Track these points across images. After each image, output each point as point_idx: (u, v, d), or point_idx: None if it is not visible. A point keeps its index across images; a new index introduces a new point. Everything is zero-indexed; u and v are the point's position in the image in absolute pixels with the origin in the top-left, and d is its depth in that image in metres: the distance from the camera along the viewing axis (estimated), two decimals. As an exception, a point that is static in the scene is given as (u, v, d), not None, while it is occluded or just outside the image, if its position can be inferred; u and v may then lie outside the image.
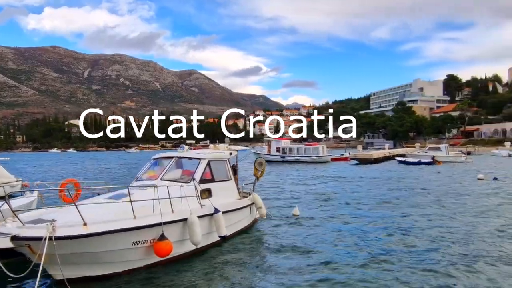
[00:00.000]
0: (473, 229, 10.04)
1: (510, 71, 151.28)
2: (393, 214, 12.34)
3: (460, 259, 7.48)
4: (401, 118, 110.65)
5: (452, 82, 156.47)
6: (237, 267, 7.15)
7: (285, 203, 14.74)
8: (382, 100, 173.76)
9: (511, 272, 6.71)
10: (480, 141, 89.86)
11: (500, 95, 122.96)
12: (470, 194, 17.11)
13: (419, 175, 27.25)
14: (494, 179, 22.91)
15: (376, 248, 8.32)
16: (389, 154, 50.25)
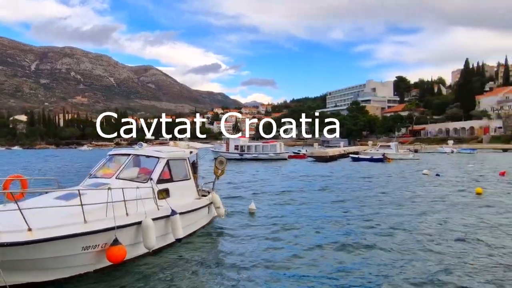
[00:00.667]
0: (418, 216, 10.83)
1: (453, 74, 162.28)
2: (346, 205, 12.94)
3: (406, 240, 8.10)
4: (355, 117, 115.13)
5: (401, 83, 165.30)
6: (191, 267, 7.06)
7: (242, 199, 14.92)
8: (338, 100, 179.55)
9: (440, 248, 7.38)
10: (426, 139, 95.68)
11: (444, 97, 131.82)
12: (415, 187, 18.34)
13: (370, 171, 28.61)
14: (436, 175, 24.58)
15: (332, 240, 8.73)
16: (343, 151, 52.10)
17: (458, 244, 8.36)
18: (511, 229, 9.75)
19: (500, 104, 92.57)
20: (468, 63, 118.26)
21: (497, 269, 6.76)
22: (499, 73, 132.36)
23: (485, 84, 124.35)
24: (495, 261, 7.17)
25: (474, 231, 9.58)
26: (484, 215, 11.59)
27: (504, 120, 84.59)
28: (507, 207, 12.93)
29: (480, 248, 8.08)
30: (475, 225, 10.28)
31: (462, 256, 7.52)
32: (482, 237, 8.89)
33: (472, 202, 14.06)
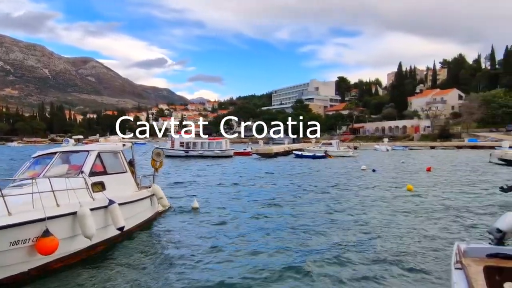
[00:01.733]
0: (358, 206, 11.62)
1: (388, 76, 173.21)
2: (288, 200, 13.47)
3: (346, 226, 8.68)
4: (299, 115, 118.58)
5: (342, 83, 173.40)
6: (136, 264, 7.04)
7: (185, 196, 14.87)
8: (283, 98, 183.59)
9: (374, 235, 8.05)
10: (364, 137, 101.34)
11: (380, 97, 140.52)
12: (354, 181, 19.51)
13: (312, 167, 29.79)
14: (373, 170, 26.26)
15: (274, 236, 9.08)
16: (288, 148, 53.53)
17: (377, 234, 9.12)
18: (427, 219, 10.82)
19: (429, 105, 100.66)
20: (401, 67, 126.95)
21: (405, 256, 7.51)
22: (428, 77, 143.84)
23: (416, 86, 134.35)
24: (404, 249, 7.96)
25: (400, 221, 10.49)
26: (412, 207, 12.70)
27: (431, 120, 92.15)
28: (432, 200, 14.26)
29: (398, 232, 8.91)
30: (396, 217, 11.24)
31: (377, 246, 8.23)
32: (404, 224, 9.78)
33: (403, 196, 15.28)
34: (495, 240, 5.40)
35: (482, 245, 5.40)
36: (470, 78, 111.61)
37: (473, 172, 25.42)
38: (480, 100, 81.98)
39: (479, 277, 4.46)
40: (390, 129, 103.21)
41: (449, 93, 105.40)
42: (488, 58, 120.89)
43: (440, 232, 9.28)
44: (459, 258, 4.82)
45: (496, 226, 5.46)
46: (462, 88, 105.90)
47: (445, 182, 19.71)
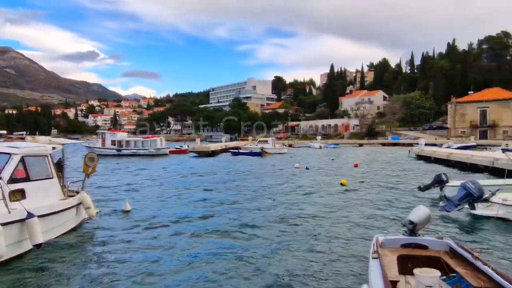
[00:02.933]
0: (289, 201, 12.12)
1: (321, 77, 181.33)
2: (221, 197, 13.62)
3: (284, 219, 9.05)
4: (237, 113, 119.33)
5: (278, 83, 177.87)
6: (53, 275, 6.47)
7: (116, 198, 14.32)
8: (221, 96, 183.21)
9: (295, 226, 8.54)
10: (299, 135, 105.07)
11: (314, 97, 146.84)
12: (289, 178, 20.27)
13: (249, 165, 30.29)
14: (306, 168, 27.41)
15: (207, 236, 9.17)
16: (225, 146, 53.68)
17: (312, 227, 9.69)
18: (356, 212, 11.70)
19: (358, 105, 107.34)
20: (333, 68, 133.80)
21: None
22: (357, 78, 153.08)
23: (346, 87, 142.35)
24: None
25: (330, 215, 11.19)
26: (343, 202, 13.57)
27: (360, 119, 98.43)
28: (357, 195, 15.35)
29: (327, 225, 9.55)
30: (329, 210, 11.99)
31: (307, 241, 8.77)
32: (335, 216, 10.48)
33: (337, 191, 16.24)
34: (408, 231, 5.97)
35: (397, 236, 6.03)
36: (393, 80, 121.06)
37: (395, 167, 27.76)
38: (401, 101, 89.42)
39: (392, 265, 4.98)
40: (323, 127, 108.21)
41: (375, 94, 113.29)
42: (408, 63, 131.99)
43: (364, 224, 10.10)
44: (376, 249, 5.31)
45: (409, 218, 6.08)
46: (386, 90, 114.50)
47: (370, 178, 21.29)
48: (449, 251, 5.36)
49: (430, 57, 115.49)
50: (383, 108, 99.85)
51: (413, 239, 5.79)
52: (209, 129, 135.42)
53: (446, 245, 5.47)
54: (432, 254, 5.37)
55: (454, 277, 4.70)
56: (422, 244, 5.63)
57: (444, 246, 5.49)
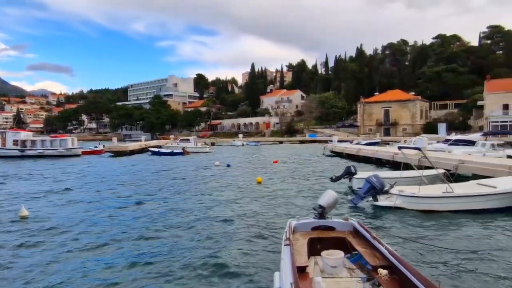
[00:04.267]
0: (205, 201, 12.20)
1: (243, 76, 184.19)
2: (137, 199, 13.21)
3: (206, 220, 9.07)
4: (157, 111, 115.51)
5: (201, 80, 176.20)
6: None
7: (12, 203, 12.99)
8: (140, 93, 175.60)
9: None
10: (222, 133, 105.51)
11: (236, 95, 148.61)
12: (210, 176, 20.32)
13: (169, 164, 29.65)
14: (227, 166, 27.73)
15: (109, 239, 8.84)
16: (145, 146, 51.70)
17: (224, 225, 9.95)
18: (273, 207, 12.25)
19: (277, 104, 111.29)
20: (254, 67, 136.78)
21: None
22: (277, 78, 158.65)
23: (267, 86, 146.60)
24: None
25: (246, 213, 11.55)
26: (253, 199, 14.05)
27: (280, 117, 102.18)
28: (278, 190, 16.05)
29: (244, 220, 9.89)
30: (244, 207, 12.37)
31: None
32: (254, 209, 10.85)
33: (253, 187, 16.74)
34: (318, 215, 6.57)
35: (308, 220, 6.52)
36: (310, 81, 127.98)
37: (311, 162, 29.50)
38: (317, 100, 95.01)
39: (302, 249, 5.39)
40: (245, 125, 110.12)
41: (294, 93, 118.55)
42: (323, 65, 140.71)
43: (283, 214, 10.65)
44: (289, 235, 5.64)
45: (319, 203, 6.66)
46: (304, 89, 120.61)
47: (289, 173, 22.37)
48: (353, 231, 5.97)
49: (342, 60, 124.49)
50: (301, 107, 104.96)
51: (323, 221, 6.34)
52: (128, 127, 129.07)
53: (350, 226, 6.09)
54: (338, 235, 5.92)
55: (356, 255, 5.26)
56: (330, 226, 6.19)
57: (349, 226, 6.10)
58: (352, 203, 11.55)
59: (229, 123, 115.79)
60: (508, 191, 10.88)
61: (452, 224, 9.51)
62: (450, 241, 8.02)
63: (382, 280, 4.34)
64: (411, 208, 10.86)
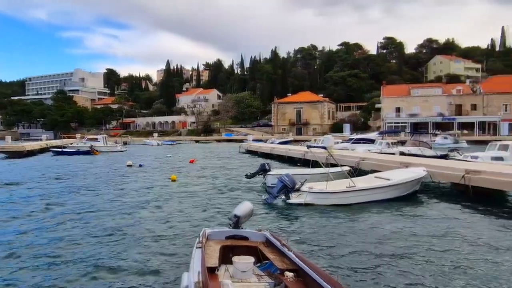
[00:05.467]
0: (116, 203, 11.56)
1: (158, 73, 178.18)
2: (33, 204, 12.02)
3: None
4: (61, 108, 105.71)
5: (112, 76, 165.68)
6: None
7: None
8: (40, 87, 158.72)
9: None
10: (135, 132, 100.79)
11: (151, 93, 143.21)
12: (120, 177, 19.26)
13: (74, 165, 27.39)
14: (139, 165, 26.60)
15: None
16: (46, 145, 46.96)
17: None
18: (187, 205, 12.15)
19: (194, 103, 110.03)
20: (170, 65, 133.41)
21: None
22: (193, 76, 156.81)
23: (183, 84, 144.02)
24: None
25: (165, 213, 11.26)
26: (175, 199, 13.79)
27: (196, 116, 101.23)
28: (194, 189, 15.89)
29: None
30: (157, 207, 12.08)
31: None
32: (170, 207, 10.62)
33: (166, 187, 16.32)
34: (233, 224, 6.59)
35: (223, 229, 6.58)
36: (227, 80, 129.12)
37: (227, 161, 29.82)
38: (234, 100, 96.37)
39: (214, 254, 5.43)
40: (160, 124, 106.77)
41: (210, 92, 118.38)
42: (240, 65, 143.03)
43: (193, 217, 10.59)
44: (201, 239, 5.66)
45: (234, 213, 6.73)
46: (220, 89, 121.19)
47: (205, 172, 22.32)
48: (265, 241, 6.14)
49: (257, 61, 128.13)
50: (218, 106, 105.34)
51: (237, 231, 6.41)
52: (26, 125, 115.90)
53: (263, 236, 6.24)
54: (251, 244, 6.05)
55: (267, 263, 5.50)
56: (244, 235, 6.28)
57: (261, 237, 6.24)
58: (266, 202, 11.96)
59: (143, 121, 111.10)
60: (399, 183, 12.38)
61: (355, 215, 10.49)
62: (355, 232, 8.85)
63: (289, 283, 4.54)
64: (320, 203, 11.65)
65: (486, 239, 8.02)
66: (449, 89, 72.89)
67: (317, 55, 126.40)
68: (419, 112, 70.83)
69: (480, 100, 68.94)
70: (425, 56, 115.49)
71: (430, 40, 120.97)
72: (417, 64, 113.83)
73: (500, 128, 62.81)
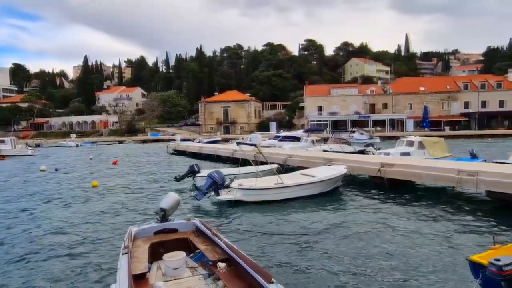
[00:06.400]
0: (24, 214, 10.54)
1: (74, 69, 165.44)
2: None
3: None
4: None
5: (20, 71, 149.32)
6: None
7: None
8: None
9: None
10: (50, 133, 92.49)
11: (67, 90, 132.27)
12: (30, 183, 17.55)
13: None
14: (55, 170, 24.52)
15: None
16: None
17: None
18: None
19: (116, 101, 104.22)
20: (88, 60, 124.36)
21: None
22: (115, 74, 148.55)
23: (103, 82, 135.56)
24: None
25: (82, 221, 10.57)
26: (94, 204, 12.99)
27: (119, 116, 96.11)
28: (118, 193, 15.10)
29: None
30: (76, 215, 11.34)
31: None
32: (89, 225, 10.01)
33: (87, 192, 15.29)
34: (160, 218, 6.37)
35: (150, 225, 6.32)
36: (151, 78, 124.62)
37: (154, 162, 28.85)
38: (159, 99, 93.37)
39: (143, 256, 5.21)
40: (79, 124, 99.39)
41: (134, 91, 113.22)
42: (164, 63, 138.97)
43: (123, 219, 10.13)
44: (128, 242, 5.37)
45: (160, 206, 6.54)
46: (144, 87, 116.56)
47: (130, 174, 21.34)
48: (195, 230, 6.09)
49: (183, 59, 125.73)
50: (142, 105, 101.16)
51: (165, 224, 6.23)
52: None
53: (193, 225, 6.19)
54: (181, 236, 5.96)
55: (198, 253, 5.47)
56: (173, 228, 6.14)
57: (191, 226, 6.19)
58: (195, 199, 11.80)
59: (58, 121, 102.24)
60: (323, 179, 13.16)
61: (283, 211, 10.93)
62: (282, 226, 9.24)
63: (221, 273, 4.62)
64: (249, 200, 11.90)
65: (401, 224, 8.99)
66: (364, 89, 79.03)
67: (243, 54, 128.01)
68: (338, 110, 75.63)
69: (390, 100, 75.94)
70: (342, 58, 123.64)
71: (346, 44, 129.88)
72: (335, 65, 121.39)
73: (406, 124, 69.83)
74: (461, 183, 10.98)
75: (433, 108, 71.80)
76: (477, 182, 10.47)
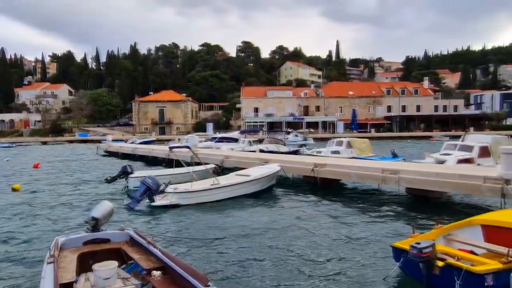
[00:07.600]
0: None
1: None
2: None
3: None
4: None
5: None
6: None
7: None
8: None
9: None
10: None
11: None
12: None
13: None
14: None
15: None
16: None
17: None
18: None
19: (39, 99, 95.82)
20: (5, 53, 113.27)
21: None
22: (37, 69, 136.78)
23: (24, 77, 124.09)
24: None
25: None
26: (20, 209, 11.87)
27: (42, 114, 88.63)
28: (38, 197, 13.91)
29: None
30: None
31: None
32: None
33: (7, 199, 13.89)
34: (91, 228, 5.96)
35: (79, 235, 5.89)
36: (79, 75, 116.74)
37: (83, 164, 27.07)
38: (88, 97, 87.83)
39: (70, 266, 4.84)
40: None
41: (60, 88, 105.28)
42: (94, 59, 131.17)
43: (48, 228, 9.37)
44: (53, 252, 4.98)
45: (92, 215, 6.10)
46: (72, 84, 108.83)
47: (55, 177, 19.79)
48: (129, 241, 5.80)
49: (115, 56, 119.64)
50: (70, 104, 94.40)
51: (96, 234, 5.85)
52: None
53: (126, 235, 5.89)
54: (113, 246, 5.64)
55: (132, 264, 5.23)
56: (105, 238, 5.79)
57: (125, 236, 5.89)
58: (129, 207, 11.28)
59: None
60: (258, 178, 13.43)
61: (219, 212, 10.94)
62: (219, 226, 9.24)
63: (155, 282, 4.50)
64: (185, 203, 11.70)
65: (331, 220, 9.56)
66: (298, 92, 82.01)
67: (179, 54, 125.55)
68: (274, 112, 77.51)
69: (322, 103, 79.78)
70: (277, 62, 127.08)
71: (281, 48, 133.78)
72: (271, 68, 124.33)
73: (337, 126, 73.86)
74: (385, 181, 11.92)
75: (360, 112, 76.90)
76: (398, 180, 11.45)
